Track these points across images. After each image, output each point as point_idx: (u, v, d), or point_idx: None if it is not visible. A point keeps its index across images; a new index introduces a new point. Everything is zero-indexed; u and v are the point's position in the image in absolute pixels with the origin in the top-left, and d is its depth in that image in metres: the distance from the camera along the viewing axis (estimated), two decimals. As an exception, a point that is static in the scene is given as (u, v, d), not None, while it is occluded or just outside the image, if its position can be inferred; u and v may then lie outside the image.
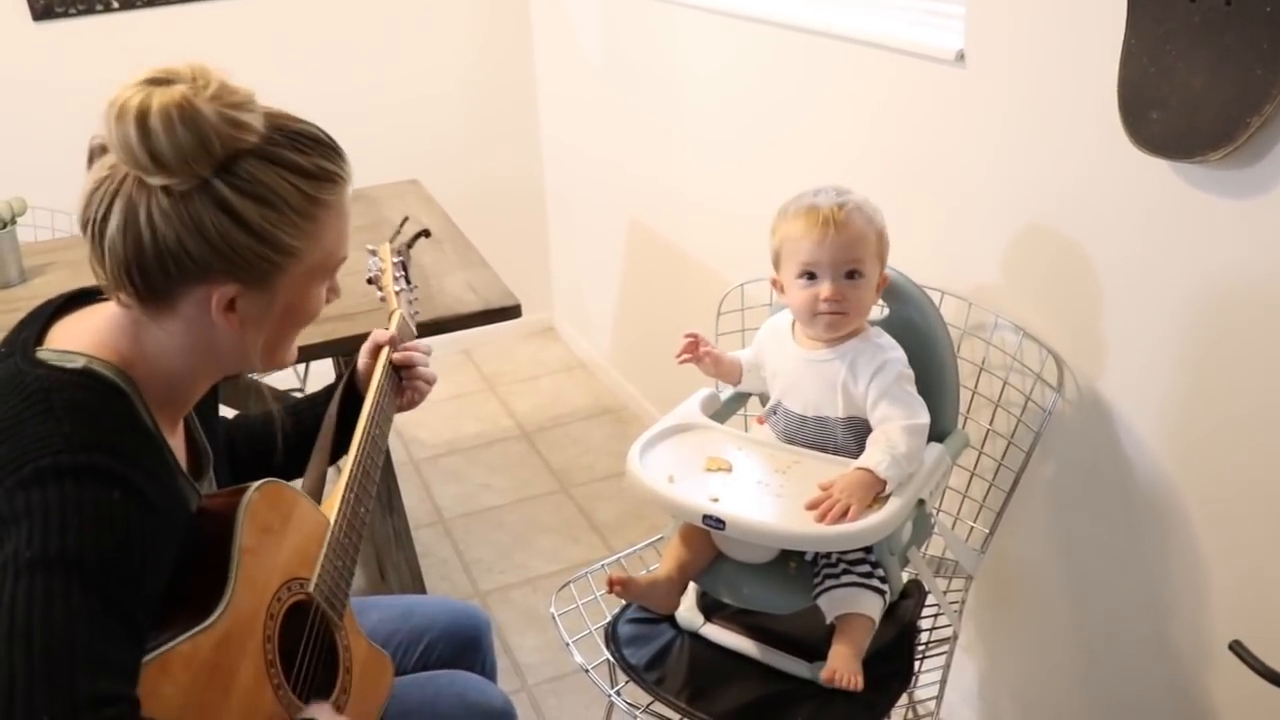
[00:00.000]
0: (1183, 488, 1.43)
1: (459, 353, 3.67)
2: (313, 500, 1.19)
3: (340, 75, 3.23)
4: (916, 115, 1.76)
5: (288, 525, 1.10)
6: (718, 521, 1.35)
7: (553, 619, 1.66)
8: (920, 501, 1.42)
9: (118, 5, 2.95)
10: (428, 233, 1.70)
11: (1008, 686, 1.87)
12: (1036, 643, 1.77)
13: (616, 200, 3.10)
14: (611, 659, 1.53)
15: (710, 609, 1.54)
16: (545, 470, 3.00)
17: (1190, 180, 1.31)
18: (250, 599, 1.02)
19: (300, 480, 1.29)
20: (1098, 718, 1.68)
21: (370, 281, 1.57)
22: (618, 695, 1.54)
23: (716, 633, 1.52)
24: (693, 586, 1.55)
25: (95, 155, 1.00)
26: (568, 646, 1.60)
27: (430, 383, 1.43)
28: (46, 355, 1.00)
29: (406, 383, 1.41)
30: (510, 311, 1.99)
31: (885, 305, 1.58)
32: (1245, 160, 1.23)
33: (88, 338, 1.03)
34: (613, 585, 1.47)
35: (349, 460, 1.25)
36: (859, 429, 1.46)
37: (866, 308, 1.47)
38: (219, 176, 0.97)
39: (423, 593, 2.32)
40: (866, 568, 1.42)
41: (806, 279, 1.44)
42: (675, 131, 2.63)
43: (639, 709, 1.50)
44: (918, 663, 1.53)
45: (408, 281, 1.56)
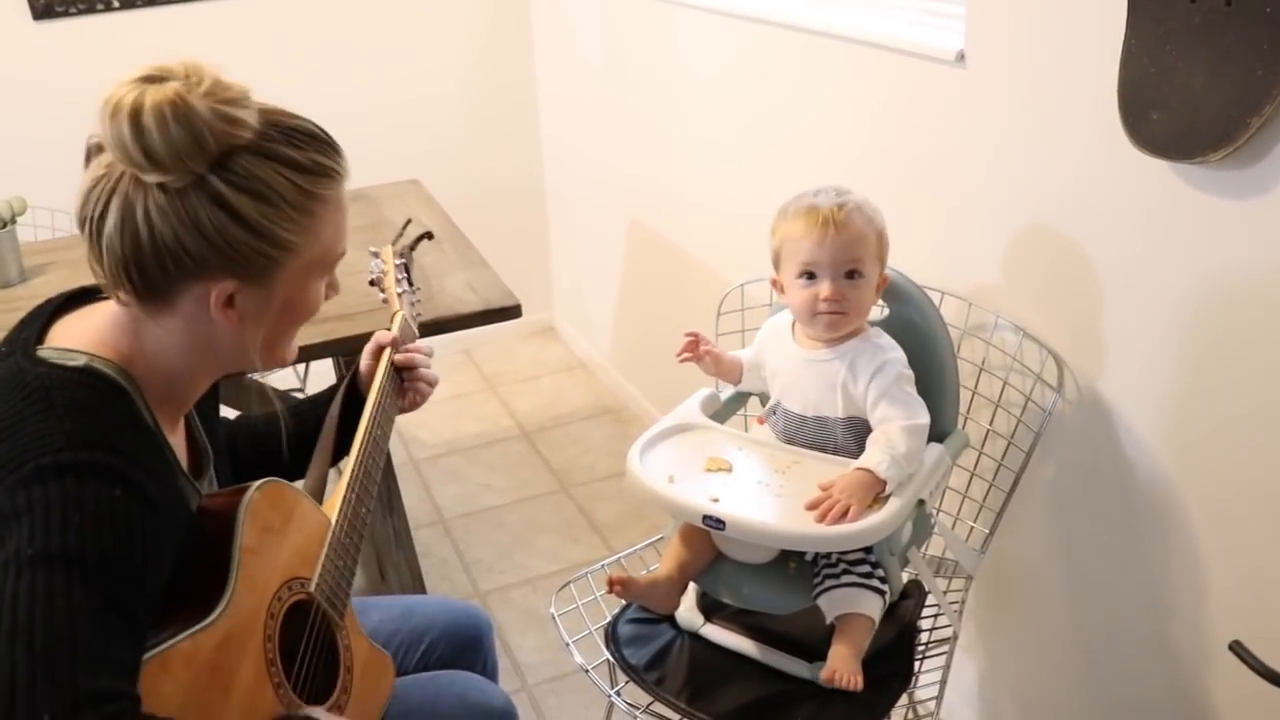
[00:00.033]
0: (1183, 488, 1.43)
1: (459, 352, 3.67)
2: (314, 500, 1.19)
3: (340, 75, 3.23)
4: (917, 115, 1.76)
5: (289, 525, 1.10)
6: (718, 522, 1.35)
7: (553, 619, 1.66)
8: (920, 502, 1.42)
9: (118, 4, 2.95)
10: (430, 235, 1.70)
11: (1008, 687, 1.87)
12: (1037, 643, 1.77)
13: (616, 200, 3.10)
14: (611, 659, 1.53)
15: (710, 609, 1.55)
16: (545, 470, 3.00)
17: (1190, 181, 1.31)
18: (251, 598, 1.02)
19: (302, 480, 1.29)
20: (1098, 718, 1.68)
21: (373, 283, 1.57)
22: (618, 695, 1.54)
23: (716, 633, 1.52)
24: (693, 587, 1.55)
25: (92, 154, 1.00)
26: (568, 646, 1.60)
27: (432, 384, 1.43)
28: (47, 354, 1.01)
29: (408, 384, 1.41)
30: (510, 311, 1.99)
31: (885, 305, 1.58)
32: (1245, 161, 1.23)
33: (88, 336, 1.03)
34: (613, 585, 1.47)
35: (350, 460, 1.25)
36: (859, 429, 1.46)
37: (866, 308, 1.47)
38: (214, 173, 0.97)
39: (423, 593, 2.32)
40: (866, 568, 1.42)
41: (806, 279, 1.44)
42: (675, 131, 2.63)
43: (639, 709, 1.50)
44: (918, 663, 1.53)
45: (410, 284, 1.56)
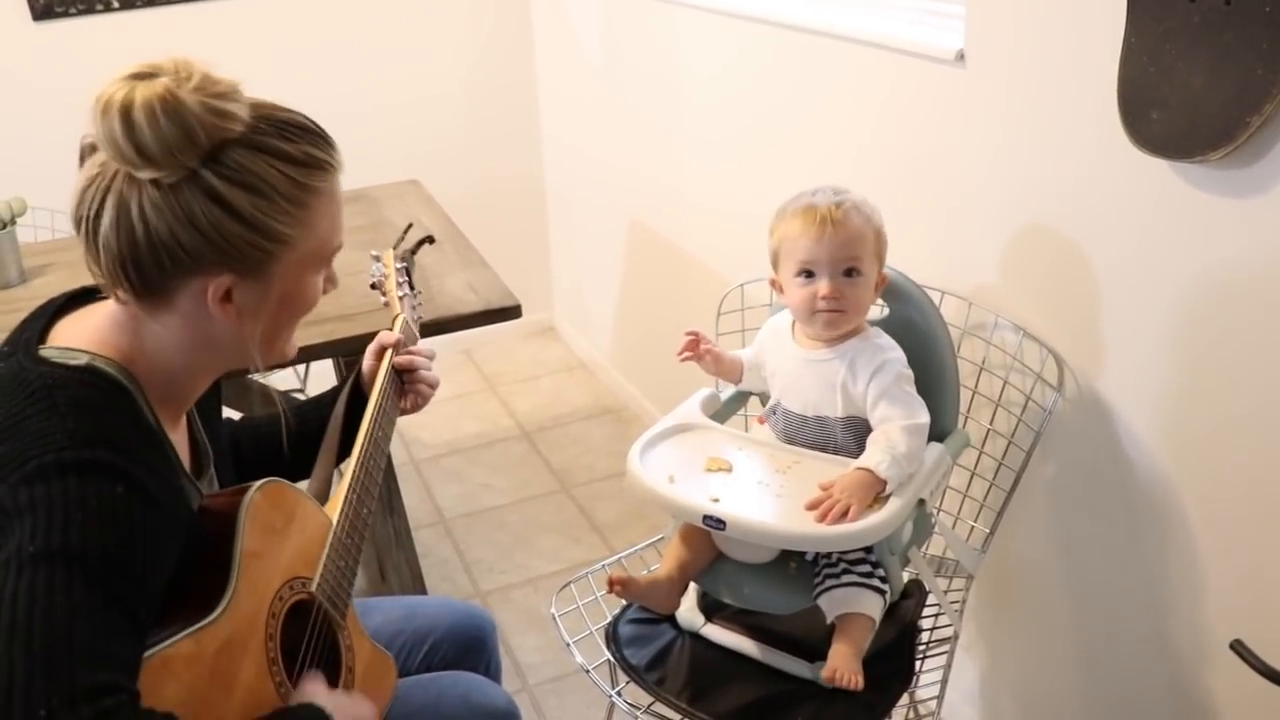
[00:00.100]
0: (1183, 487, 1.43)
1: (460, 353, 3.67)
2: (315, 500, 1.19)
3: (341, 76, 3.23)
4: (917, 115, 1.76)
5: (290, 525, 1.10)
6: (718, 522, 1.35)
7: (553, 619, 1.66)
8: (921, 501, 1.42)
9: (118, 5, 2.95)
10: (431, 239, 1.70)
11: (1009, 686, 1.87)
12: (1038, 642, 1.77)
13: (616, 200, 3.10)
14: (612, 659, 1.53)
15: (711, 609, 1.55)
16: (546, 470, 3.00)
17: (1190, 180, 1.31)
18: (252, 597, 1.02)
19: (306, 481, 1.29)
20: (1099, 717, 1.68)
21: (374, 287, 1.57)
22: (619, 696, 1.54)
23: (717, 633, 1.52)
24: (693, 587, 1.55)
25: (86, 154, 1.00)
26: (568, 647, 1.60)
27: (433, 387, 1.43)
28: (49, 353, 1.01)
29: (409, 387, 1.41)
30: (510, 312, 2.00)
31: (885, 305, 1.58)
32: (1245, 160, 1.23)
33: (89, 335, 1.03)
34: (613, 585, 1.47)
35: (351, 461, 1.25)
36: (858, 429, 1.46)
37: (865, 306, 1.47)
38: (207, 167, 0.97)
39: (423, 593, 2.32)
40: (867, 567, 1.42)
41: (805, 277, 1.44)
42: (675, 131, 2.63)
43: (640, 709, 1.50)
44: (918, 662, 1.53)
45: (411, 287, 1.56)
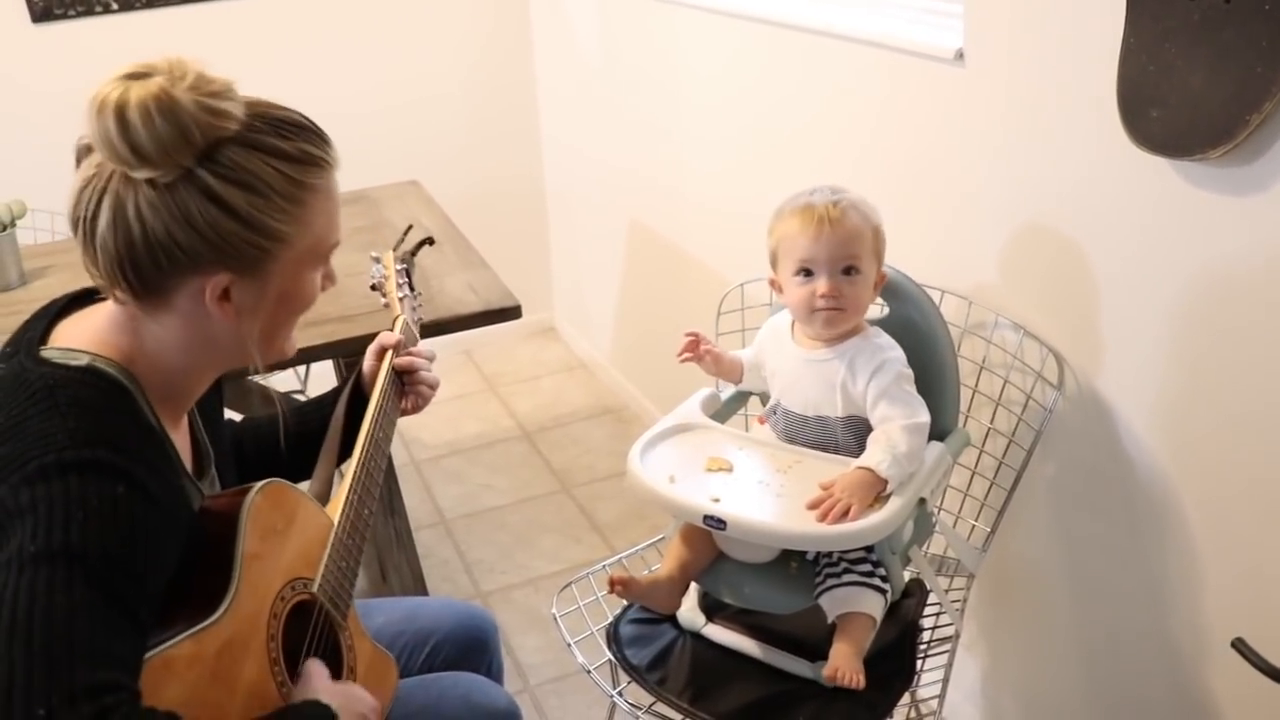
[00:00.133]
0: (1183, 485, 1.43)
1: (460, 353, 3.67)
2: (316, 501, 1.19)
3: (340, 77, 3.23)
4: (916, 114, 1.76)
5: (291, 525, 1.10)
6: (719, 521, 1.35)
7: (555, 619, 1.66)
8: (921, 500, 1.42)
9: (117, 7, 2.95)
10: (431, 241, 1.70)
11: (1010, 685, 1.87)
12: (1039, 640, 1.77)
13: (616, 200, 3.10)
14: (613, 659, 1.53)
15: (712, 609, 1.55)
16: (546, 470, 3.00)
17: (1190, 178, 1.31)
18: (254, 598, 1.02)
19: (308, 482, 1.29)
20: (1100, 715, 1.68)
21: (374, 288, 1.57)
22: (620, 696, 1.54)
23: (718, 633, 1.52)
24: (694, 586, 1.55)
25: (82, 155, 1.01)
26: (570, 647, 1.60)
27: (433, 388, 1.43)
28: (51, 354, 1.01)
29: (409, 388, 1.41)
30: (510, 312, 2.00)
31: (885, 304, 1.58)
32: (1245, 158, 1.23)
33: (90, 336, 1.04)
34: (614, 585, 1.47)
35: (353, 462, 1.25)
36: (859, 428, 1.46)
37: (864, 305, 1.47)
38: (202, 165, 0.97)
39: (425, 594, 2.32)
40: (868, 567, 1.42)
41: (803, 276, 1.44)
42: (675, 131, 2.63)
43: (641, 709, 1.50)
44: (920, 661, 1.53)
45: (411, 288, 1.56)
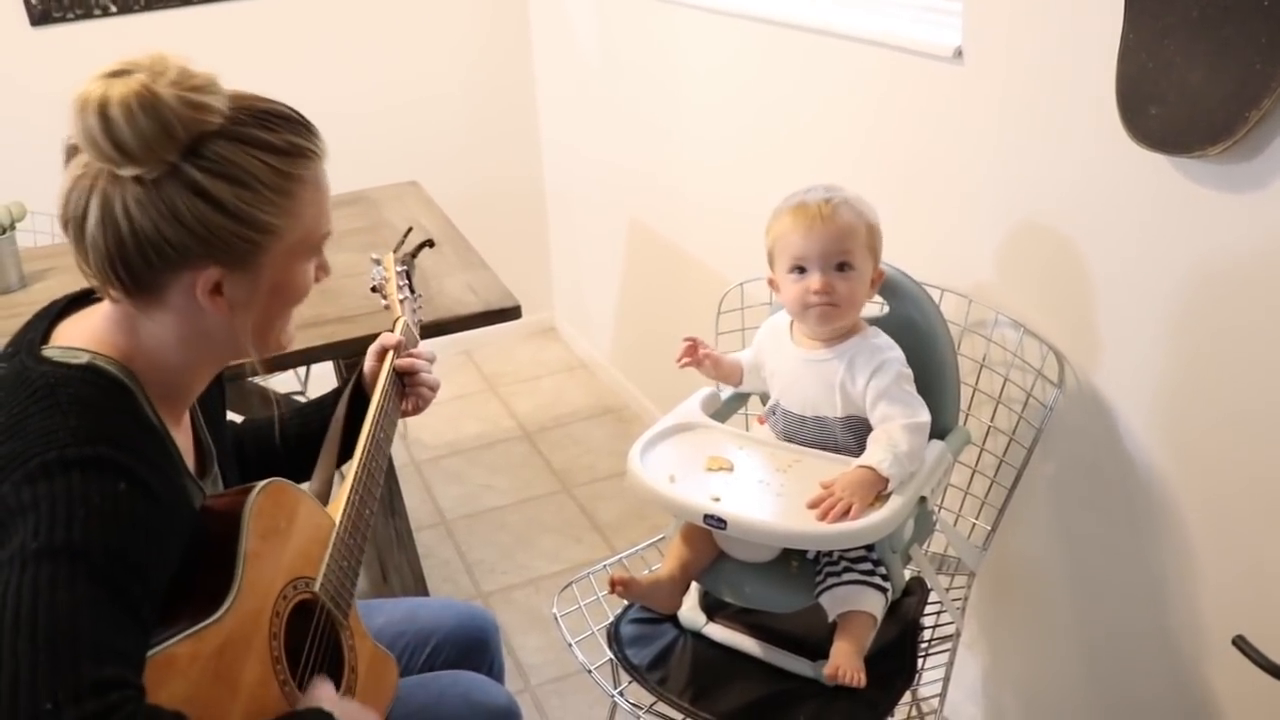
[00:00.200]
0: (1184, 484, 1.43)
1: (460, 354, 3.67)
2: (318, 501, 1.19)
3: (340, 77, 3.23)
4: (916, 113, 1.76)
5: (293, 525, 1.11)
6: (719, 521, 1.35)
7: (555, 619, 1.66)
8: (922, 499, 1.42)
9: (115, 9, 2.95)
10: (431, 243, 1.70)
11: (1011, 683, 1.87)
12: (1040, 639, 1.77)
13: (616, 200, 3.10)
14: (614, 659, 1.53)
15: (712, 608, 1.54)
16: (547, 470, 3.00)
17: (1189, 175, 1.31)
18: (256, 596, 1.02)
19: (307, 483, 1.29)
20: (1101, 713, 1.68)
21: (374, 290, 1.57)
22: (621, 695, 1.54)
23: (719, 632, 1.52)
24: (695, 586, 1.55)
25: (70, 155, 1.01)
26: (570, 647, 1.60)
27: (434, 389, 1.43)
28: (52, 353, 1.02)
29: (410, 389, 1.41)
30: (510, 312, 2.00)
31: (885, 303, 1.58)
32: (1244, 154, 1.22)
33: (89, 335, 1.04)
34: (615, 585, 1.47)
35: (354, 463, 1.26)
36: (858, 428, 1.46)
37: (859, 302, 1.47)
38: (187, 160, 0.97)
39: (425, 594, 2.32)
40: (868, 565, 1.42)
41: (797, 273, 1.45)
42: (675, 131, 2.63)
43: (642, 709, 1.50)
44: (921, 660, 1.53)
45: (411, 290, 1.56)
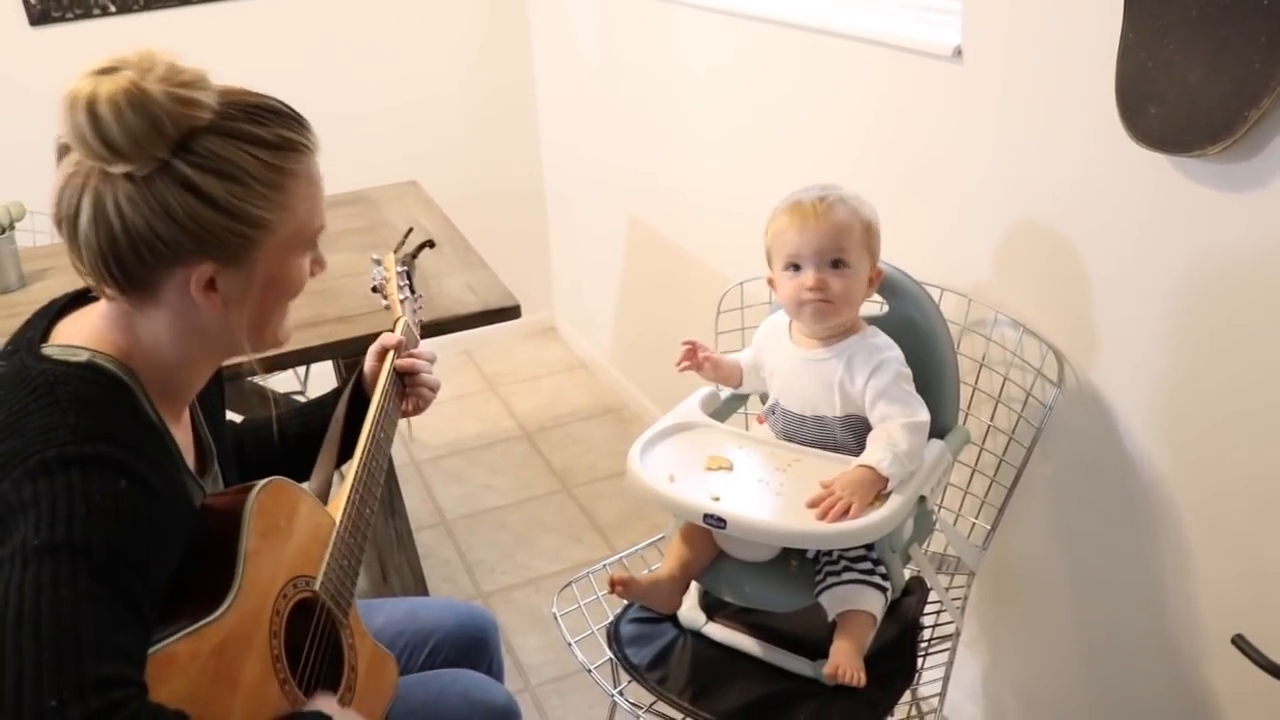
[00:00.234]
0: (1183, 483, 1.43)
1: (460, 353, 3.67)
2: (318, 500, 1.19)
3: (340, 77, 3.23)
4: (915, 112, 1.76)
5: (293, 524, 1.11)
6: (719, 520, 1.35)
7: (555, 619, 1.66)
8: (921, 498, 1.42)
9: (114, 9, 2.95)
10: (431, 244, 1.70)
11: (1011, 682, 1.87)
12: (1039, 638, 1.77)
13: (616, 200, 3.10)
14: (614, 659, 1.53)
15: (712, 608, 1.54)
16: (547, 470, 3.00)
17: (1189, 174, 1.31)
18: (256, 595, 1.03)
19: (307, 483, 1.30)
20: (1101, 712, 1.68)
21: (375, 290, 1.57)
22: (620, 695, 1.54)
23: (719, 632, 1.52)
24: (695, 585, 1.55)
25: (61, 154, 1.01)
26: (570, 647, 1.60)
27: (434, 390, 1.43)
28: (51, 351, 1.02)
29: (410, 390, 1.41)
30: (510, 312, 2.00)
31: (885, 302, 1.58)
32: (1244, 153, 1.22)
33: (88, 333, 1.04)
34: (614, 585, 1.46)
35: (354, 462, 1.26)
36: (857, 428, 1.46)
37: (855, 299, 1.46)
38: (178, 156, 0.97)
39: (425, 594, 2.32)
40: (868, 565, 1.42)
41: (792, 270, 1.45)
42: (675, 131, 2.63)
43: (642, 709, 1.50)
44: (920, 659, 1.53)
45: (412, 290, 1.57)
